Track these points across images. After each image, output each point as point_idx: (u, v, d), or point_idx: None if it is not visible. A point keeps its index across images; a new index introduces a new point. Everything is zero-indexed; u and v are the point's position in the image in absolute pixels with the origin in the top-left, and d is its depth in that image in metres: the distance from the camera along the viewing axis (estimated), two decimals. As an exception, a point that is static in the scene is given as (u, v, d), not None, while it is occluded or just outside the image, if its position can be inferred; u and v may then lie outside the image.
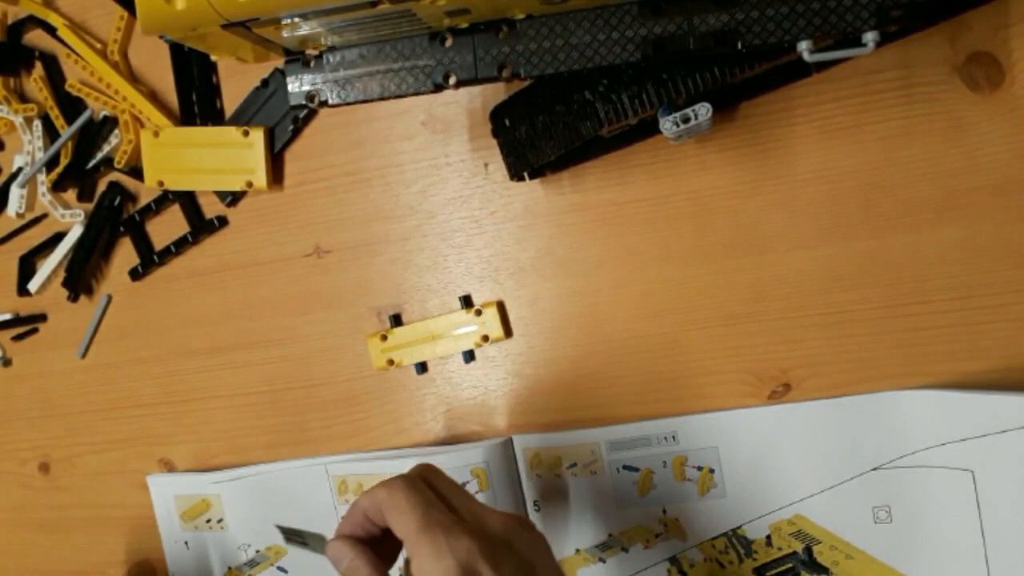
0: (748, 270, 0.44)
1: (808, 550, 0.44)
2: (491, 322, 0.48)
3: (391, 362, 0.50)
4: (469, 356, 0.49)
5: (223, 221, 0.53)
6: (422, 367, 0.50)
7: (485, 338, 0.48)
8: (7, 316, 0.58)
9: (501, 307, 0.48)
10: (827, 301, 0.43)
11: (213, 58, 0.51)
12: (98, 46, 0.53)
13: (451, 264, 0.49)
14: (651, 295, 0.46)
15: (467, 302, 0.48)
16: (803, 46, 0.33)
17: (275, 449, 0.54)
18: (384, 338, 0.50)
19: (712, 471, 0.45)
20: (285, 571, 0.53)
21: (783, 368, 0.44)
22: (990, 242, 0.41)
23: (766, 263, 0.44)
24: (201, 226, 0.53)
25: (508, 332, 0.48)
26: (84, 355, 0.57)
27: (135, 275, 0.55)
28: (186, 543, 0.55)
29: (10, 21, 0.56)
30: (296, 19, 0.35)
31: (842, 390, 0.43)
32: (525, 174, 0.45)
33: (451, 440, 0.50)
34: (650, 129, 0.43)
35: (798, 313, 0.44)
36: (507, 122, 0.43)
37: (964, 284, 0.41)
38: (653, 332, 0.46)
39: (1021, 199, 0.40)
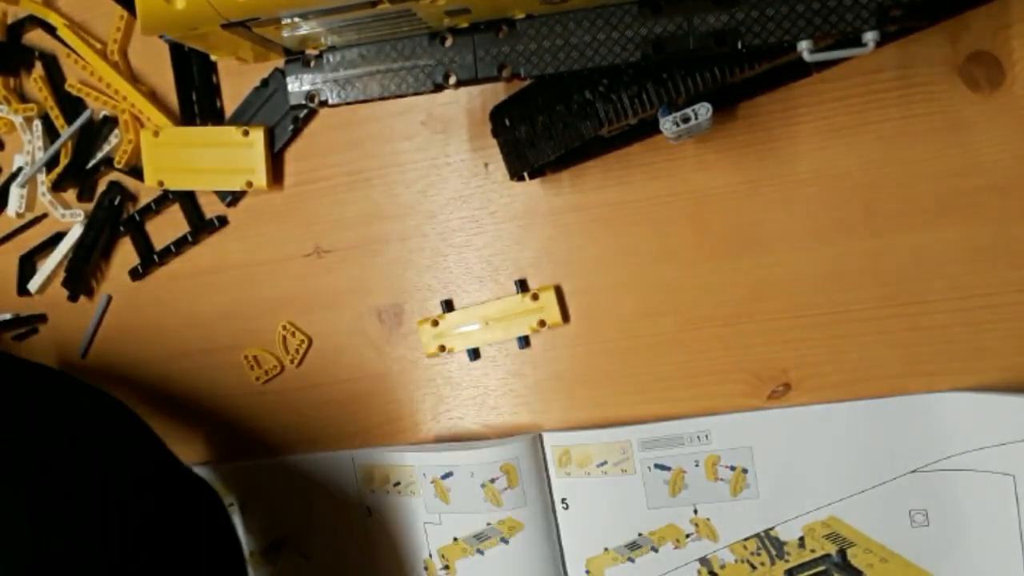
0: (748, 270, 0.44)
1: (842, 552, 0.44)
2: (549, 307, 0.47)
3: (442, 348, 0.49)
4: (524, 342, 0.48)
5: (223, 221, 0.53)
6: (474, 353, 0.49)
7: (542, 323, 0.47)
8: (7, 316, 0.58)
9: (559, 291, 0.47)
10: (827, 301, 0.43)
11: (213, 58, 0.51)
12: (98, 46, 0.53)
13: (451, 264, 0.49)
14: (651, 295, 0.46)
15: (523, 286, 0.48)
16: (803, 46, 0.33)
17: (275, 449, 0.54)
18: (436, 324, 0.49)
19: (745, 471, 0.44)
20: (307, 558, 0.53)
21: (783, 368, 0.44)
22: (990, 242, 0.41)
23: (766, 263, 0.44)
24: (201, 226, 0.53)
25: (566, 316, 0.47)
26: (84, 355, 0.57)
27: (135, 275, 0.55)
28: None
29: (10, 21, 0.56)
30: (296, 19, 0.35)
31: (842, 390, 0.43)
32: (525, 174, 0.45)
33: (450, 440, 0.50)
34: (650, 129, 0.43)
35: (798, 313, 0.44)
36: (507, 122, 0.43)
37: (964, 284, 0.41)
38: (652, 332, 0.46)
39: (1021, 199, 0.40)
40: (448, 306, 0.49)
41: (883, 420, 0.42)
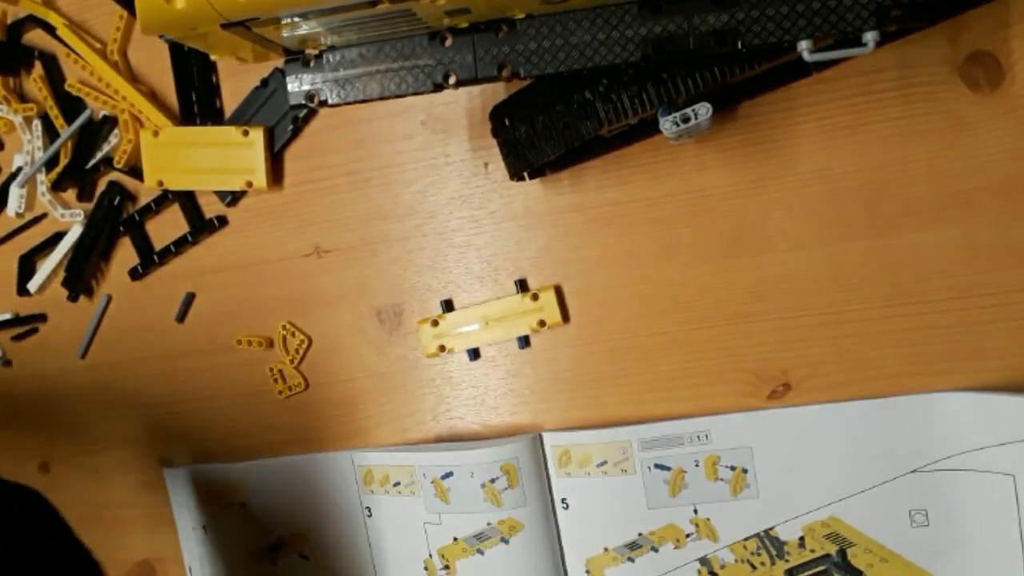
0: (748, 270, 0.44)
1: (842, 552, 0.44)
2: (549, 307, 0.47)
3: (442, 348, 0.49)
4: (524, 342, 0.48)
5: (223, 221, 0.53)
6: (474, 353, 0.49)
7: (542, 323, 0.47)
8: (7, 316, 0.58)
9: (559, 291, 0.47)
10: (827, 301, 0.43)
11: (213, 58, 0.51)
12: (98, 46, 0.53)
13: (451, 264, 0.49)
14: (651, 295, 0.46)
15: (523, 286, 0.48)
16: (803, 46, 0.33)
17: (275, 449, 0.54)
18: (436, 323, 0.49)
19: (745, 471, 0.44)
20: (307, 558, 0.53)
21: (783, 368, 0.44)
22: (990, 242, 0.41)
23: (766, 263, 0.44)
24: (201, 226, 0.53)
25: (566, 316, 0.47)
26: (84, 355, 0.57)
27: (135, 275, 0.55)
28: (204, 529, 0.55)
29: (10, 21, 0.56)
30: (296, 19, 0.35)
31: (842, 390, 0.43)
32: (525, 174, 0.45)
33: (450, 440, 0.50)
34: (650, 129, 0.43)
35: (798, 313, 0.44)
36: (507, 122, 0.43)
37: (964, 284, 0.41)
38: (652, 332, 0.46)
39: (1021, 199, 0.40)
40: (448, 306, 0.49)
41: (883, 420, 0.42)
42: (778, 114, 0.43)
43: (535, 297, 0.47)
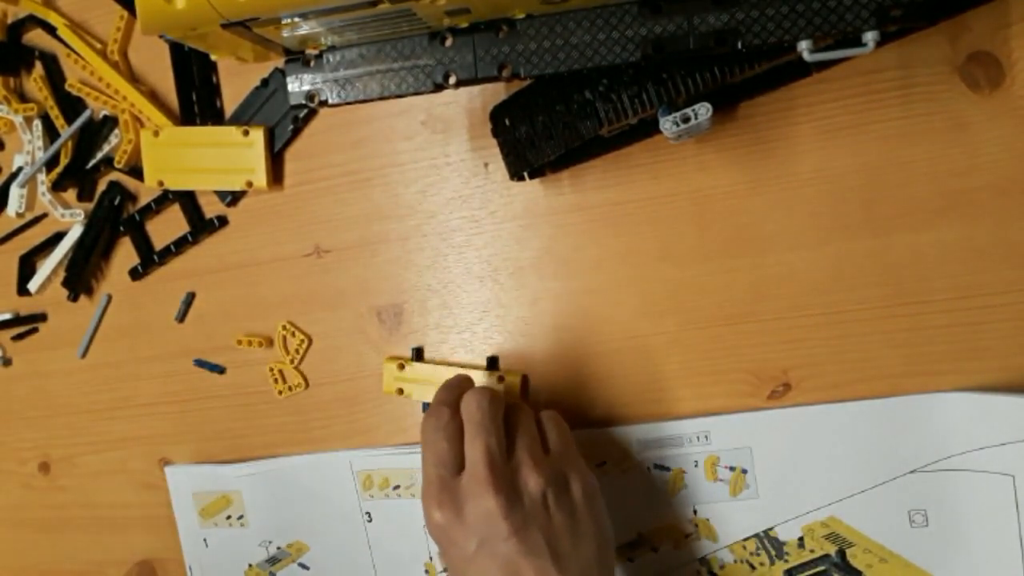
0: (748, 270, 0.44)
1: (841, 553, 0.44)
2: (511, 391, 0.47)
3: (400, 391, 0.50)
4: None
5: (223, 221, 0.53)
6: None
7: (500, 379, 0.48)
8: (7, 316, 0.58)
9: (524, 381, 0.48)
10: (827, 301, 0.43)
11: (213, 58, 0.51)
12: (98, 46, 0.53)
13: (451, 264, 0.49)
14: (651, 295, 0.46)
15: (493, 364, 0.49)
16: (803, 46, 0.33)
17: (275, 449, 0.54)
18: (401, 367, 0.50)
19: (745, 471, 0.44)
20: (307, 568, 0.53)
21: (783, 368, 0.44)
22: (990, 242, 0.41)
23: (766, 263, 0.44)
24: (201, 226, 0.53)
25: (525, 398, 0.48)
26: (84, 355, 0.57)
27: (135, 275, 0.55)
28: (205, 540, 0.55)
29: (10, 21, 0.56)
30: (296, 19, 0.35)
31: (842, 390, 0.43)
32: (525, 174, 0.45)
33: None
34: (650, 129, 0.43)
35: (798, 313, 0.44)
36: (507, 122, 0.43)
37: (964, 284, 0.41)
38: (652, 332, 0.46)
39: (1021, 199, 0.40)
40: (418, 354, 0.50)
41: (883, 420, 0.42)
42: (778, 114, 0.43)
43: (500, 379, 0.47)
